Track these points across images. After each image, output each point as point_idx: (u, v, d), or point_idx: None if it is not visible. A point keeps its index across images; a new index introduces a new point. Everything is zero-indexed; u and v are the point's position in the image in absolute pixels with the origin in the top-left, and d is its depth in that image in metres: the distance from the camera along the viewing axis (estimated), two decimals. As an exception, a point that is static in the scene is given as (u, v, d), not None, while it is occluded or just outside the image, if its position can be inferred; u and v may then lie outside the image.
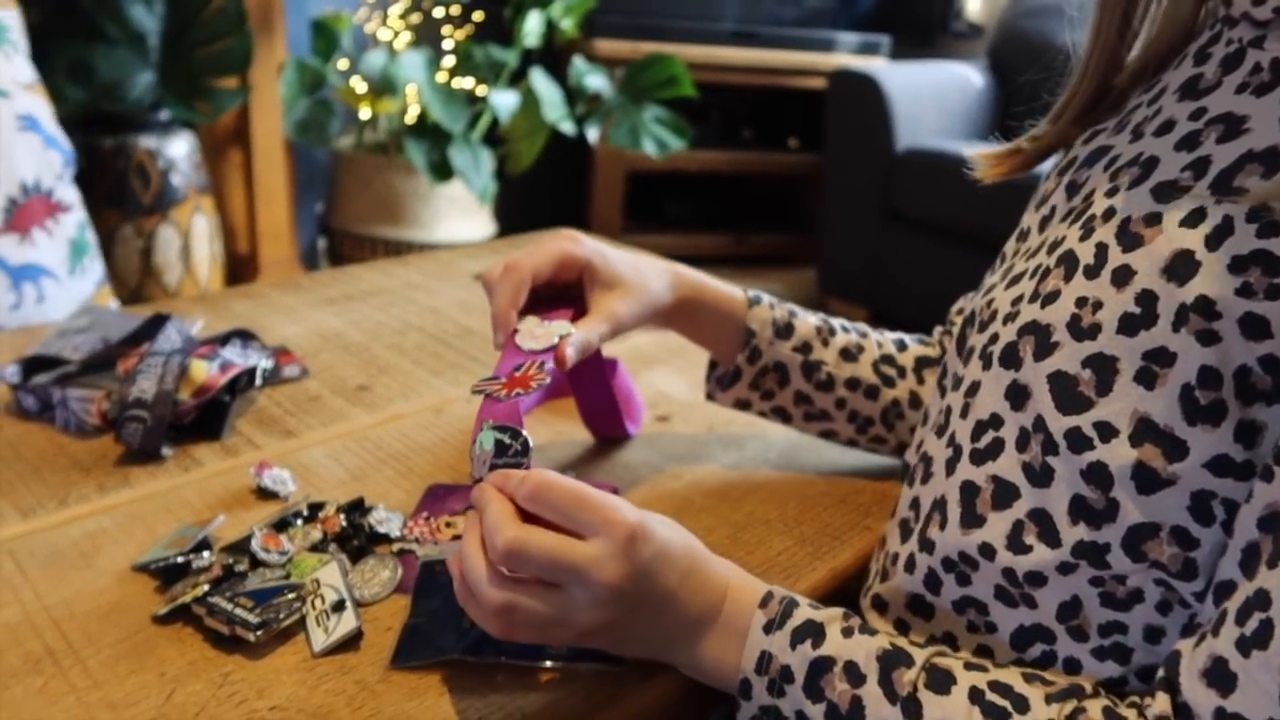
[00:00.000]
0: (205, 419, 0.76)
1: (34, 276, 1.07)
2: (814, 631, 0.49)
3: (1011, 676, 0.47)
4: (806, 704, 0.48)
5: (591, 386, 0.76)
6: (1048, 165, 0.61)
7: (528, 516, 0.48)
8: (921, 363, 0.74)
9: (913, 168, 2.45)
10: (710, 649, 0.50)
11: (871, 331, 0.74)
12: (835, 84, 2.61)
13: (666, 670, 0.53)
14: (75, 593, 0.57)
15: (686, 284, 0.68)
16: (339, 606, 0.56)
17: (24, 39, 1.15)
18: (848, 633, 0.49)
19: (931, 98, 2.61)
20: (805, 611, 0.50)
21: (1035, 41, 2.67)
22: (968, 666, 0.48)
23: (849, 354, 0.72)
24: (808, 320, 0.71)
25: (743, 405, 0.73)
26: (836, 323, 0.73)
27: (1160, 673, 0.44)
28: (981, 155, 0.61)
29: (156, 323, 0.82)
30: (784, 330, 0.70)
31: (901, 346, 0.74)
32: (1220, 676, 0.40)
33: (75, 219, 1.13)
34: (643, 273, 0.65)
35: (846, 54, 2.97)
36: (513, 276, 0.61)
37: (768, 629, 0.50)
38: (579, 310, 0.64)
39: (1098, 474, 0.44)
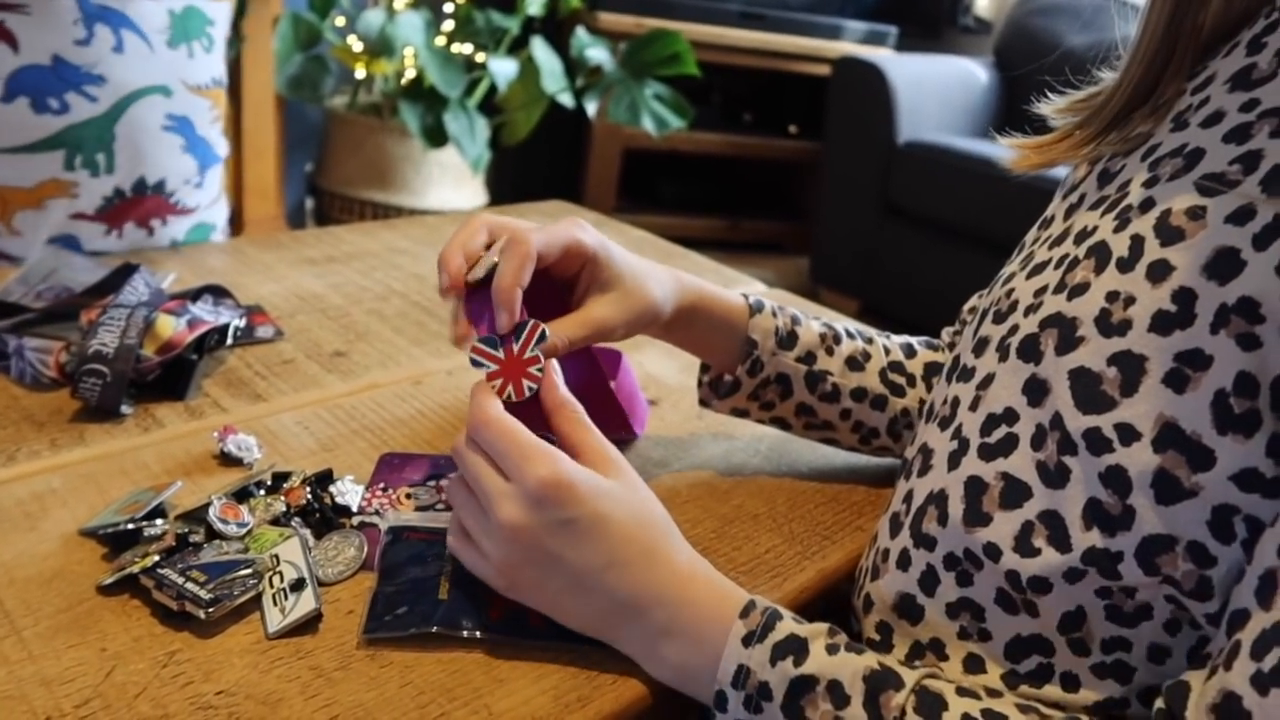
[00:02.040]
0: (169, 377, 0.72)
1: None
2: (796, 647, 0.46)
3: (1005, 706, 0.44)
4: None
5: (577, 390, 0.70)
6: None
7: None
8: (930, 369, 0.70)
9: (913, 161, 2.42)
10: (672, 655, 0.48)
11: (877, 336, 0.71)
12: (839, 71, 2.57)
13: (639, 672, 0.50)
14: (16, 556, 0.54)
15: (688, 294, 0.63)
16: (298, 585, 0.52)
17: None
18: (833, 649, 0.46)
19: (935, 91, 2.58)
20: (788, 625, 0.47)
21: (1043, 40, 2.63)
22: (960, 692, 0.45)
23: (855, 363, 0.68)
24: (811, 327, 0.67)
25: (740, 414, 0.69)
26: (841, 328, 0.69)
27: (1159, 704, 0.41)
28: (1018, 144, 0.57)
29: (124, 273, 0.78)
30: (787, 340, 0.66)
31: (910, 352, 0.71)
32: (1232, 713, 0.37)
33: (191, 221, 1.09)
34: (643, 279, 0.59)
35: (852, 42, 2.93)
36: (519, 251, 0.53)
37: (747, 641, 0.47)
38: (561, 304, 0.59)
39: (1116, 478, 0.42)
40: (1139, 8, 0.51)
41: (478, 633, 0.50)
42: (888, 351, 0.69)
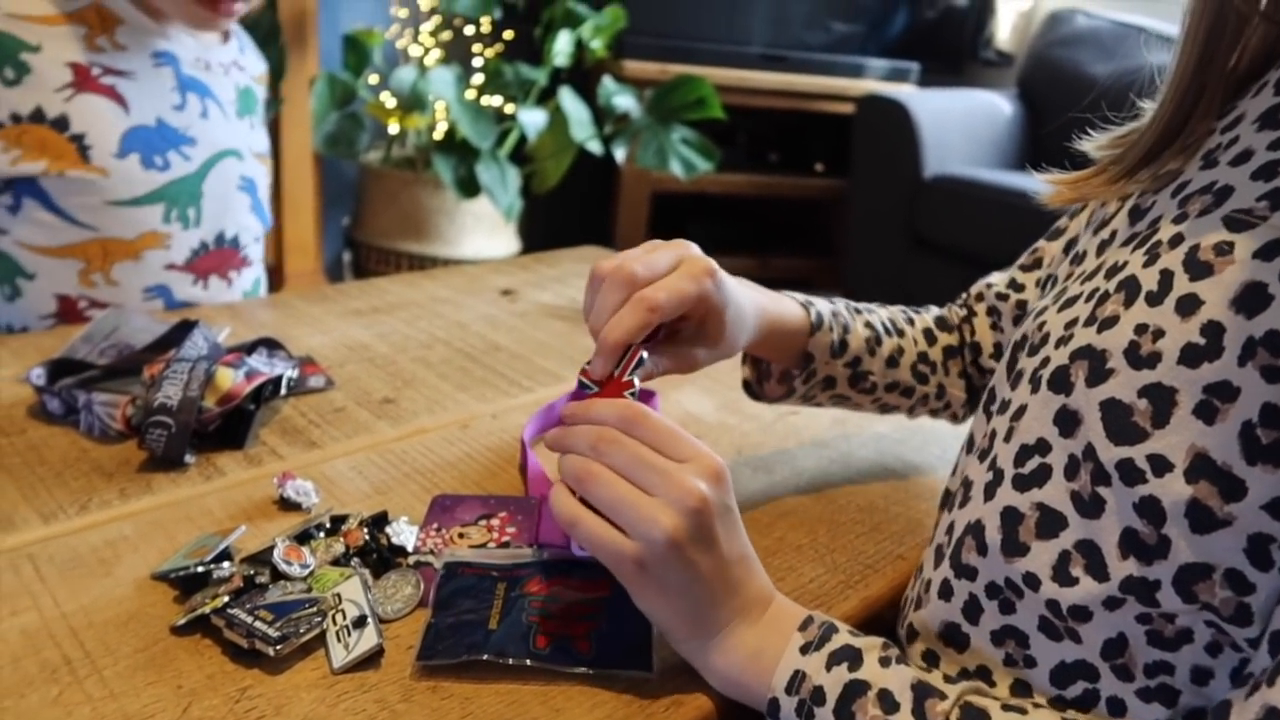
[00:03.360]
0: (229, 427, 0.75)
1: None
2: (851, 656, 0.48)
3: (1049, 719, 0.45)
4: None
5: None
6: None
7: None
8: (948, 353, 0.77)
9: (940, 194, 2.44)
10: (750, 639, 0.51)
11: (907, 326, 0.76)
12: (864, 109, 2.61)
13: (692, 697, 0.52)
14: (94, 600, 0.56)
15: (763, 326, 0.66)
16: (360, 622, 0.54)
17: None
18: (885, 662, 0.48)
19: (960, 125, 2.60)
20: (844, 637, 0.50)
21: (1065, 71, 2.66)
22: (1004, 708, 0.46)
23: (893, 360, 0.74)
24: (858, 333, 0.72)
25: (780, 402, 0.76)
26: (879, 324, 0.74)
27: None
28: (1054, 179, 0.59)
29: (183, 329, 0.81)
30: (839, 349, 0.71)
31: (930, 338, 0.77)
32: None
33: (254, 274, 1.19)
34: (738, 329, 0.63)
35: (875, 80, 2.96)
36: (643, 317, 0.54)
37: (804, 650, 0.49)
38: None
39: (1150, 509, 0.42)
40: (1161, 35, 0.53)
41: (526, 660, 0.52)
42: (916, 342, 0.76)
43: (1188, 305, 0.43)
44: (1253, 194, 0.44)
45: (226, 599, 0.55)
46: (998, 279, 0.77)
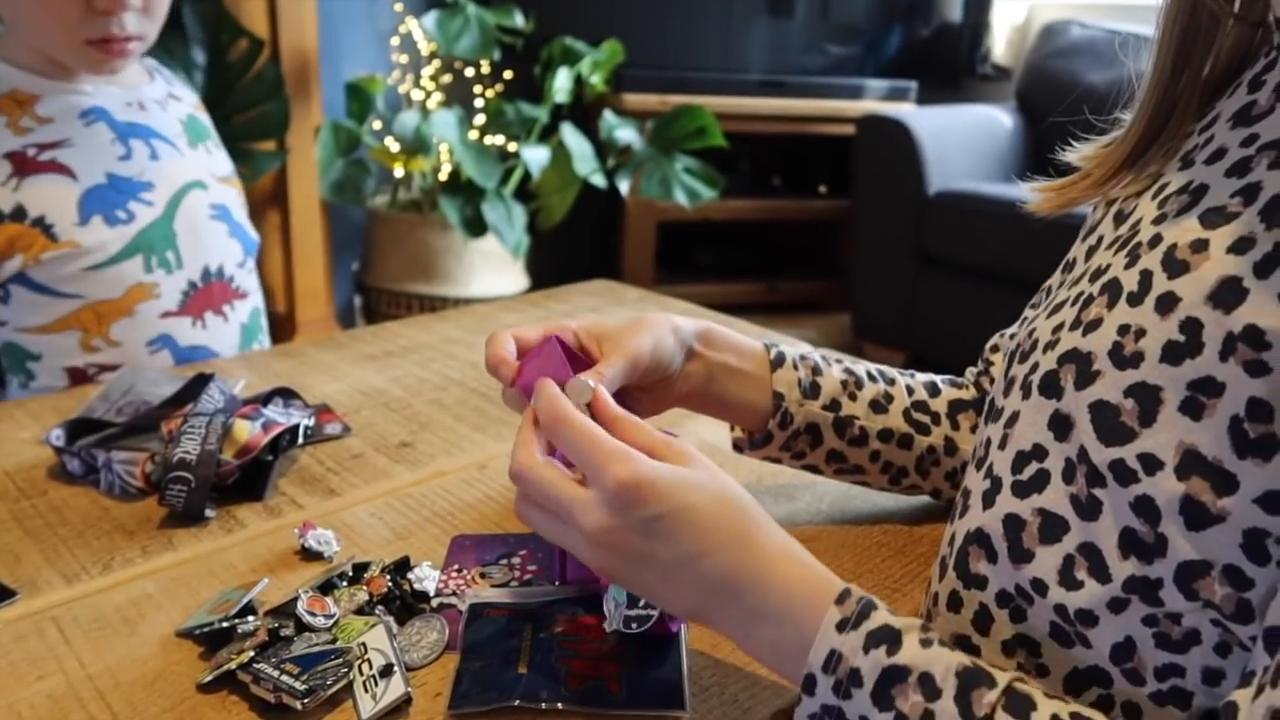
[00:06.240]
0: (248, 479, 0.75)
1: (202, 359, 1.11)
2: (890, 637, 0.45)
3: (1092, 710, 0.44)
4: (873, 711, 0.44)
5: None
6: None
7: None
8: (955, 407, 0.72)
9: (945, 210, 2.44)
10: (765, 636, 0.48)
11: (900, 376, 0.73)
12: (864, 129, 2.62)
13: (727, 734, 0.51)
14: (119, 660, 0.56)
15: (702, 324, 0.66)
16: (387, 671, 0.54)
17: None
18: (926, 643, 0.45)
19: (961, 140, 2.61)
20: (883, 615, 0.47)
21: (1063, 81, 2.66)
22: (1048, 695, 0.45)
23: (879, 405, 0.70)
24: (832, 375, 0.69)
25: (773, 461, 0.72)
26: (862, 371, 0.71)
27: None
28: (1039, 188, 0.60)
29: (200, 383, 0.82)
30: (810, 390, 0.68)
31: (934, 391, 0.73)
32: None
33: (250, 305, 1.20)
34: (645, 313, 0.64)
35: (874, 100, 2.98)
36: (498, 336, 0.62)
37: (841, 627, 0.46)
38: None
39: (1145, 507, 0.43)
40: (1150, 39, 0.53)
41: (558, 705, 0.52)
42: (910, 391, 0.72)
43: (1166, 303, 0.44)
44: (1226, 191, 0.45)
45: (252, 654, 0.54)
46: (1009, 330, 0.75)
